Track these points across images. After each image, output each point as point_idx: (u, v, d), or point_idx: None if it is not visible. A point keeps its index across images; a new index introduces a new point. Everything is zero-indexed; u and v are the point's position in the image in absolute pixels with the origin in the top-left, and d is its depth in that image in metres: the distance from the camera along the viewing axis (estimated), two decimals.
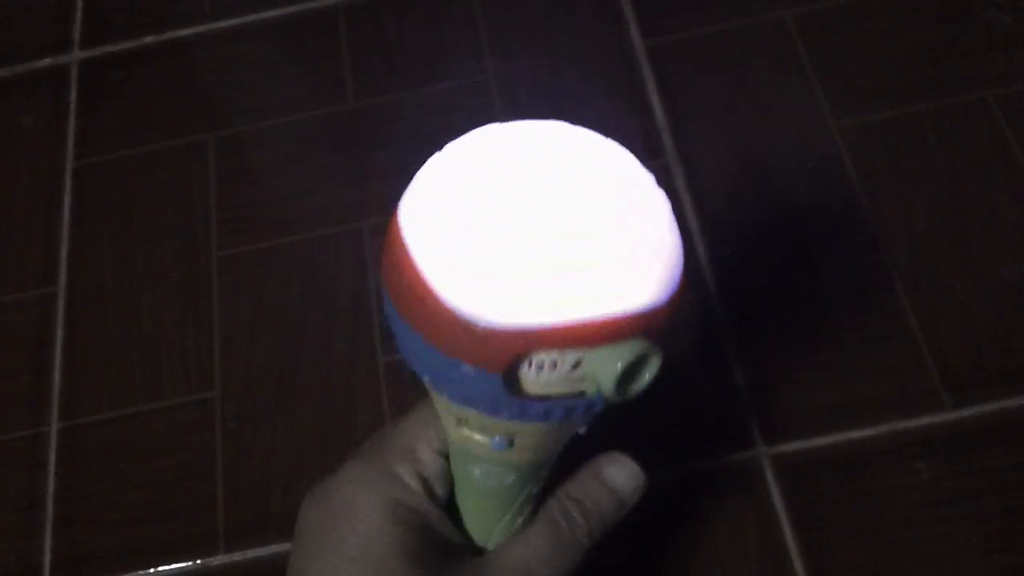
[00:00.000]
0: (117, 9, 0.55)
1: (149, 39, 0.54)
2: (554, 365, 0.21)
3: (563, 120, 0.23)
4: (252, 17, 0.54)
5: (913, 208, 0.44)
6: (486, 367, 0.21)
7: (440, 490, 0.28)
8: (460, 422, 0.25)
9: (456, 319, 0.20)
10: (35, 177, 0.50)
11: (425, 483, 0.28)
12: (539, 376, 0.21)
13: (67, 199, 0.49)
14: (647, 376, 0.22)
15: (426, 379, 0.24)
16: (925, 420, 0.40)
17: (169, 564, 0.40)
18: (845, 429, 0.40)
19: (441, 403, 0.25)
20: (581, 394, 0.22)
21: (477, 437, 0.25)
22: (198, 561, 0.40)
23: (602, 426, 0.25)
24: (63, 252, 0.48)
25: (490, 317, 0.20)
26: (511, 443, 0.24)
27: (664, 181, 0.45)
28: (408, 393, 0.42)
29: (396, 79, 0.51)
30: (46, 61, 0.54)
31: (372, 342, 0.44)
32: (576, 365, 0.21)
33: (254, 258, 0.47)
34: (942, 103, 0.46)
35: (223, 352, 0.44)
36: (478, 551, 0.29)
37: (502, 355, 0.21)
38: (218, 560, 0.40)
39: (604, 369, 0.21)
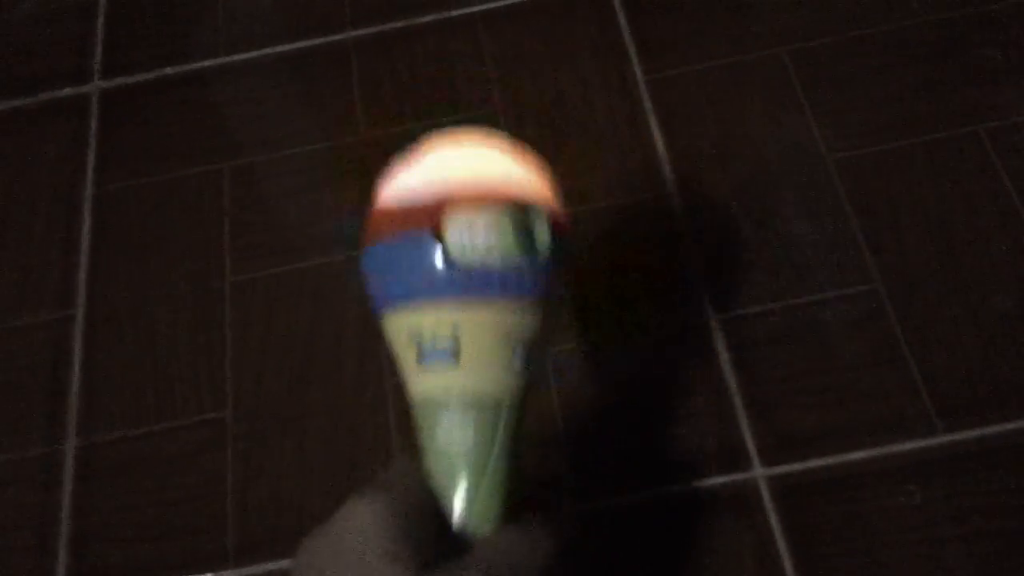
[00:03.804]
0: (136, 41, 0.56)
1: (167, 71, 0.55)
2: (471, 236, 0.29)
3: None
4: (267, 51, 0.55)
5: (905, 237, 0.45)
6: (423, 228, 0.30)
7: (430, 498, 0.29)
8: (413, 338, 0.31)
9: (396, 207, 0.31)
10: (56, 203, 0.51)
11: (414, 495, 0.29)
12: (463, 248, 0.29)
13: (86, 224, 0.50)
14: (543, 232, 0.30)
15: (389, 293, 0.31)
16: (918, 444, 0.40)
17: None
18: (839, 452, 0.40)
19: (400, 330, 0.31)
20: (502, 265, 0.30)
21: (431, 361, 0.30)
22: (209, 575, 0.41)
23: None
24: (82, 276, 0.48)
25: (412, 195, 0.31)
26: (457, 353, 0.30)
27: (664, 212, 0.47)
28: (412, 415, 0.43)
29: (405, 111, 0.51)
30: (67, 91, 0.55)
31: (379, 364, 0.45)
32: (489, 242, 0.29)
33: (265, 283, 0.47)
34: (934, 137, 0.47)
35: (234, 374, 0.45)
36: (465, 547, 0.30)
37: (430, 216, 0.30)
38: (228, 574, 0.41)
39: (504, 228, 0.29)
